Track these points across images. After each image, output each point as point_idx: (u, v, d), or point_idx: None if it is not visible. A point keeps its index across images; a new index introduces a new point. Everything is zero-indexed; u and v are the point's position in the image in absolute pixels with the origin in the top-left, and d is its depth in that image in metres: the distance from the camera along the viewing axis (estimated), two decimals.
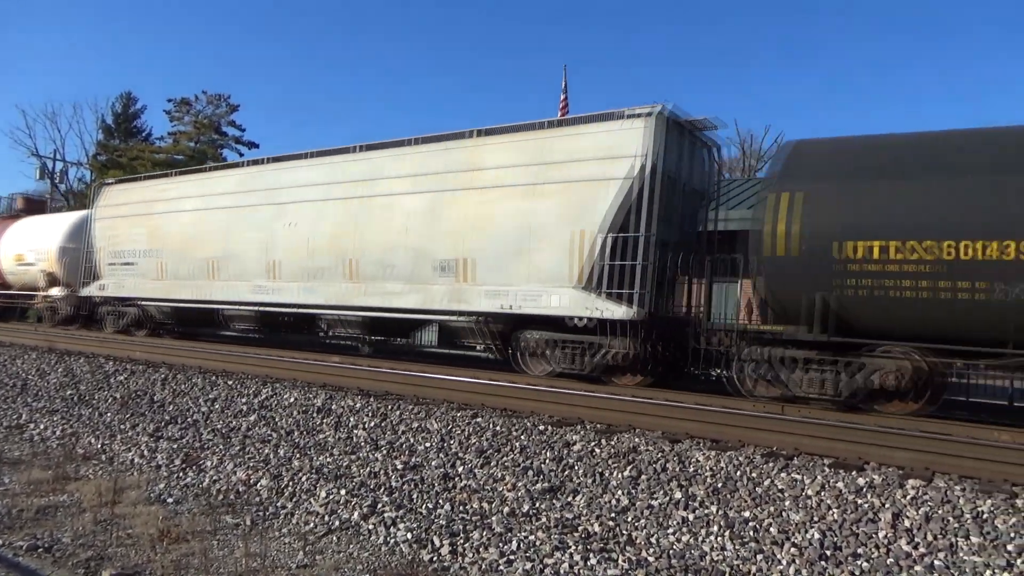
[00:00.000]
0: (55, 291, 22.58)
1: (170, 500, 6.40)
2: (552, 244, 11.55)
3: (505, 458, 7.21)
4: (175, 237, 18.15)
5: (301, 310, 15.39)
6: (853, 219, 9.08)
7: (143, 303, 19.13)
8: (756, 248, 9.75)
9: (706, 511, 5.74)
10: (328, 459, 7.45)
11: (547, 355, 11.88)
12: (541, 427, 8.14)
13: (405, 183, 13.62)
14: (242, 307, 16.55)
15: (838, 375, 9.22)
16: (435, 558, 5.10)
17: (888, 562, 4.80)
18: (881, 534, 5.17)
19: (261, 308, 16.15)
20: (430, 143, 13.75)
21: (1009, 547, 4.87)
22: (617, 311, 10.80)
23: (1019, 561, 4.71)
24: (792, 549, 5.03)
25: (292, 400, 9.99)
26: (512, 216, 12.03)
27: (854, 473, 6.22)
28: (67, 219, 23.95)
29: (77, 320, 21.70)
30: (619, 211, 10.97)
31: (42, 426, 9.42)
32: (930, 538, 5.06)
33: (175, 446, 8.25)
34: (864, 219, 9.02)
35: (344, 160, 15.05)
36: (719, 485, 6.22)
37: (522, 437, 7.82)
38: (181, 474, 7.22)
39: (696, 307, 11.39)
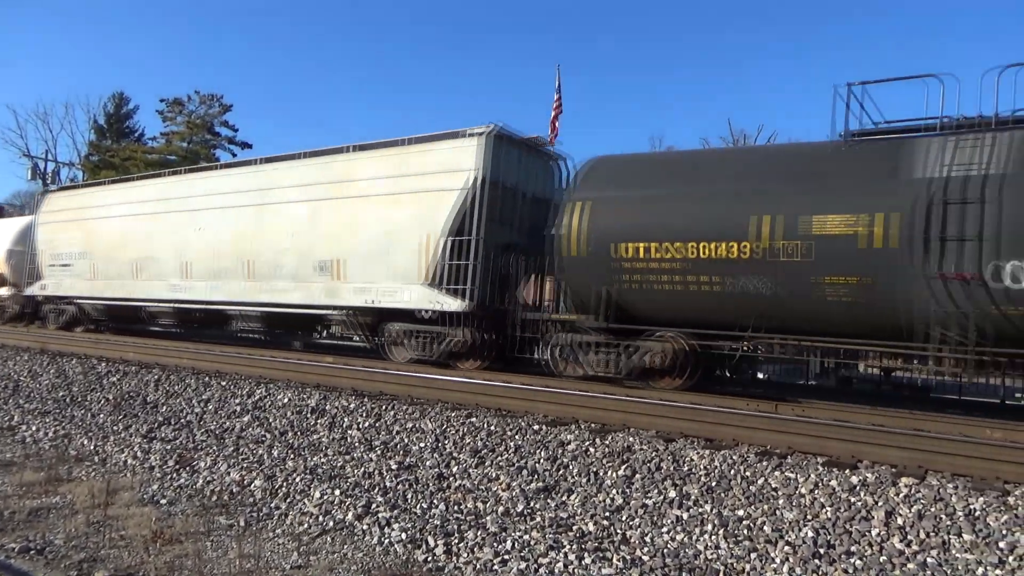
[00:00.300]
0: (2, 291, 24.46)
1: (163, 501, 6.38)
2: (406, 246, 13.19)
3: (500, 458, 7.21)
4: (105, 240, 19.99)
5: (209, 306, 17.12)
6: (624, 224, 10.78)
7: (79, 301, 20.91)
8: (558, 249, 11.40)
9: (700, 510, 5.75)
10: (322, 459, 7.44)
11: (406, 344, 13.46)
12: (535, 427, 8.14)
13: (293, 192, 15.43)
14: (161, 304, 18.39)
15: (619, 356, 10.83)
16: (430, 558, 5.09)
17: (881, 560, 4.82)
18: (874, 532, 5.19)
19: (176, 304, 17.96)
20: (314, 157, 15.62)
21: (1001, 544, 4.89)
22: (453, 304, 12.46)
23: (1011, 558, 4.73)
24: (786, 547, 5.05)
25: (286, 400, 9.97)
26: (376, 222, 13.70)
27: (847, 471, 6.24)
28: (15, 224, 25.82)
29: (24, 318, 23.46)
30: (457, 217, 12.62)
31: (34, 427, 9.37)
32: (923, 536, 5.08)
33: (168, 447, 8.22)
34: (632, 224, 10.71)
35: (245, 172, 17.17)
36: (713, 484, 6.23)
37: (516, 437, 7.82)
38: (174, 475, 7.20)
39: (542, 301, 12.97)
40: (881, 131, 10.00)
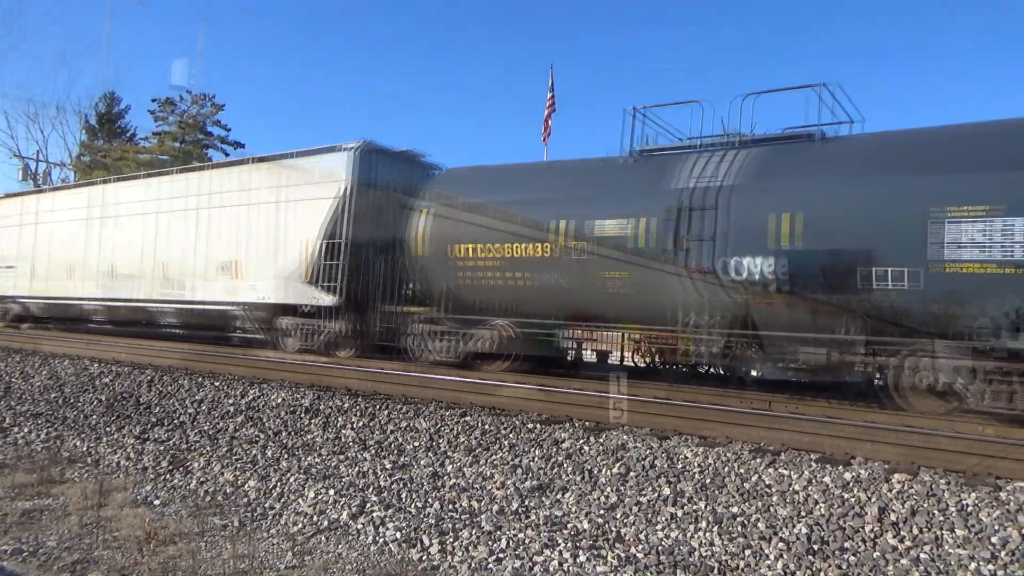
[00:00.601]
0: None
1: (157, 502, 6.36)
2: (290, 248, 14.94)
3: (494, 456, 7.21)
4: (44, 243, 22.04)
5: (132, 303, 18.84)
6: (458, 228, 12.39)
7: (22, 300, 22.87)
8: (408, 250, 13.08)
9: (694, 507, 5.76)
10: (316, 459, 7.42)
11: (294, 335, 15.06)
12: (530, 425, 8.14)
13: (203, 199, 17.21)
14: (92, 302, 20.07)
15: (458, 343, 12.41)
16: (424, 557, 5.09)
17: (875, 556, 4.84)
18: (868, 528, 5.21)
19: (105, 303, 19.63)
20: (220, 168, 17.82)
21: (993, 539, 4.92)
22: (327, 299, 14.09)
23: (1003, 553, 4.76)
24: (780, 544, 5.06)
25: (280, 400, 9.94)
26: (268, 226, 15.57)
27: (840, 468, 6.27)
28: None
29: None
30: (331, 222, 14.16)
31: (26, 429, 9.31)
32: (916, 531, 5.11)
33: (161, 448, 8.19)
34: (463, 228, 12.32)
35: (161, 181, 19.06)
36: (707, 481, 6.25)
37: (511, 435, 7.82)
38: (168, 476, 7.17)
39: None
40: (660, 148, 11.65)
